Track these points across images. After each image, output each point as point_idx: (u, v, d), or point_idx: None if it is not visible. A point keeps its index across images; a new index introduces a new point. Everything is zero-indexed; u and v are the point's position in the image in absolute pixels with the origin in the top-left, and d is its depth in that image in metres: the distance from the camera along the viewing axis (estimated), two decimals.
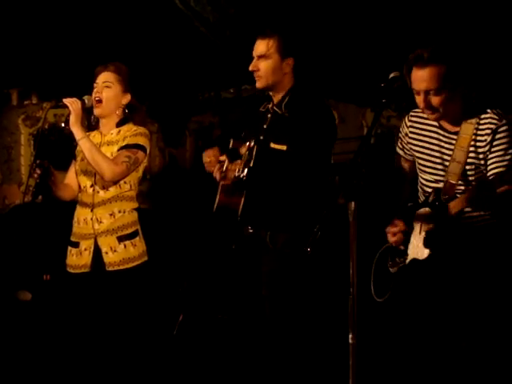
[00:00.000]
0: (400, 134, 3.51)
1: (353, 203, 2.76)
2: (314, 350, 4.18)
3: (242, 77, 5.71)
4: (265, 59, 3.69)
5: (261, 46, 3.71)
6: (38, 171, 3.61)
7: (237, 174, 3.47)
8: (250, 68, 3.73)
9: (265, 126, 3.76)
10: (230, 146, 3.85)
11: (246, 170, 3.42)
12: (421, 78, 3.16)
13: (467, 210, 3.19)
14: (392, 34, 4.94)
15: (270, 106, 3.78)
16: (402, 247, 3.42)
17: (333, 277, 4.58)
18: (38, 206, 3.93)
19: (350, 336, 2.76)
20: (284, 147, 3.62)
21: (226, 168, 3.56)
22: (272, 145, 3.66)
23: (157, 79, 5.90)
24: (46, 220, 5.58)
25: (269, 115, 3.77)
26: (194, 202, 4.15)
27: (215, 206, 3.73)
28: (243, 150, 3.61)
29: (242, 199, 3.60)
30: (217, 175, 3.61)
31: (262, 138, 3.71)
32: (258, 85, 3.75)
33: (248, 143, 3.53)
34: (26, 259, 5.75)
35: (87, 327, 3.75)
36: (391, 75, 3.15)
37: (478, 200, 3.04)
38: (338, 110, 6.07)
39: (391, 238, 3.43)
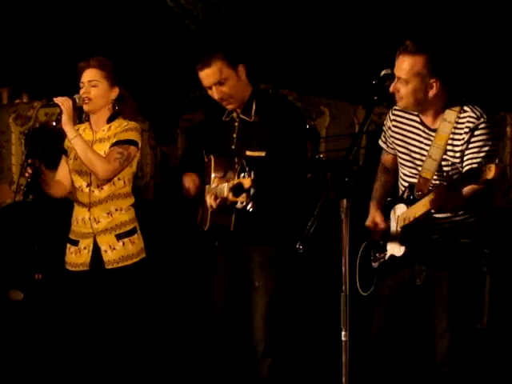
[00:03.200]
0: (384, 128, 3.53)
1: (345, 200, 2.76)
2: (307, 348, 4.19)
3: None
4: (225, 81, 3.59)
5: (214, 75, 3.58)
6: (29, 170, 3.59)
7: (242, 206, 3.33)
8: (218, 97, 3.61)
9: (234, 135, 3.71)
10: (206, 160, 3.83)
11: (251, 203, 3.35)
12: (398, 63, 3.19)
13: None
14: (383, 31, 4.94)
15: (235, 114, 3.72)
16: (381, 242, 3.43)
17: (325, 274, 4.59)
18: (29, 205, 3.90)
19: (343, 333, 2.77)
20: (262, 153, 3.60)
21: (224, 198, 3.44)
22: (248, 153, 3.64)
23: (148, 77, 5.90)
24: (38, 219, 5.57)
25: (235, 124, 3.72)
26: (185, 200, 4.14)
27: (208, 224, 3.71)
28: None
29: (233, 216, 3.56)
30: (213, 204, 3.48)
31: (233, 147, 3.69)
32: (232, 107, 3.67)
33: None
34: (17, 258, 5.74)
35: (84, 325, 3.75)
36: (383, 72, 3.16)
37: (441, 204, 3.03)
38: (329, 107, 6.09)
39: (373, 236, 3.46)
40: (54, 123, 3.61)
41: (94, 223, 3.73)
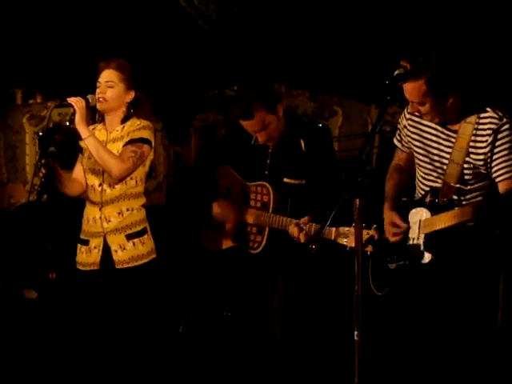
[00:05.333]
0: (399, 126, 3.50)
1: (357, 200, 2.76)
2: (320, 347, 4.18)
3: (245, 74, 5.72)
4: (269, 125, 3.70)
5: (258, 124, 3.69)
6: (43, 170, 3.61)
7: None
8: (262, 140, 3.73)
9: (268, 161, 3.82)
10: (250, 184, 3.88)
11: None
12: (406, 90, 3.16)
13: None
14: (396, 31, 4.93)
15: None
16: (399, 245, 3.41)
17: (338, 274, 4.58)
18: (43, 204, 3.92)
19: (356, 333, 2.77)
20: (302, 181, 3.70)
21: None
22: (286, 180, 3.72)
23: (161, 77, 5.90)
24: (52, 219, 5.58)
25: (269, 150, 3.82)
26: (198, 200, 4.15)
27: (261, 248, 3.79)
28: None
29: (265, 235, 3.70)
30: (303, 239, 3.59)
31: (267, 172, 3.81)
32: (273, 143, 3.78)
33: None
34: (31, 258, 5.76)
35: (94, 324, 3.76)
36: (396, 72, 3.15)
37: (486, 218, 2.99)
38: (342, 107, 6.07)
39: (392, 238, 3.41)
40: (68, 123, 3.63)
41: (105, 222, 3.74)
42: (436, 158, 3.29)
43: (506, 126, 3.10)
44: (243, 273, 3.94)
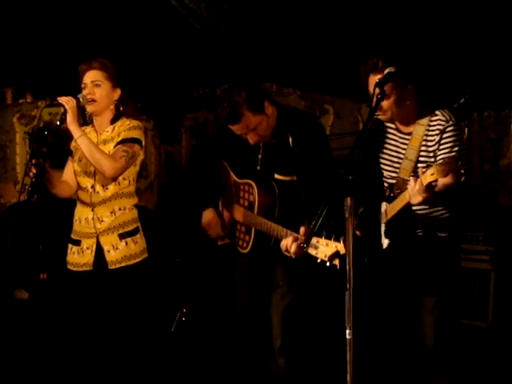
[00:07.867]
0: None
1: (349, 199, 2.76)
2: (313, 346, 4.19)
3: (236, 73, 5.72)
4: (258, 126, 3.60)
5: (244, 127, 3.60)
6: (34, 170, 3.59)
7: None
8: (254, 141, 3.63)
9: (259, 156, 3.77)
10: (238, 180, 3.83)
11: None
12: (372, 82, 3.29)
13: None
14: (387, 30, 4.94)
15: None
16: None
17: (329, 272, 4.59)
18: (33, 204, 3.91)
19: (348, 331, 2.77)
20: (293, 178, 3.65)
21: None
22: (276, 176, 3.68)
23: (152, 76, 5.90)
24: (43, 219, 5.57)
25: (261, 144, 3.75)
26: (189, 199, 4.15)
27: (250, 247, 3.76)
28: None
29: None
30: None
31: (258, 168, 3.76)
32: (266, 140, 3.69)
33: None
34: (22, 258, 5.74)
35: (87, 325, 3.75)
36: (386, 71, 3.19)
37: (413, 198, 3.17)
38: (333, 105, 6.08)
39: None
40: (58, 123, 3.62)
41: (98, 223, 3.73)
42: (395, 159, 3.50)
43: (451, 128, 3.36)
44: (238, 270, 3.93)
